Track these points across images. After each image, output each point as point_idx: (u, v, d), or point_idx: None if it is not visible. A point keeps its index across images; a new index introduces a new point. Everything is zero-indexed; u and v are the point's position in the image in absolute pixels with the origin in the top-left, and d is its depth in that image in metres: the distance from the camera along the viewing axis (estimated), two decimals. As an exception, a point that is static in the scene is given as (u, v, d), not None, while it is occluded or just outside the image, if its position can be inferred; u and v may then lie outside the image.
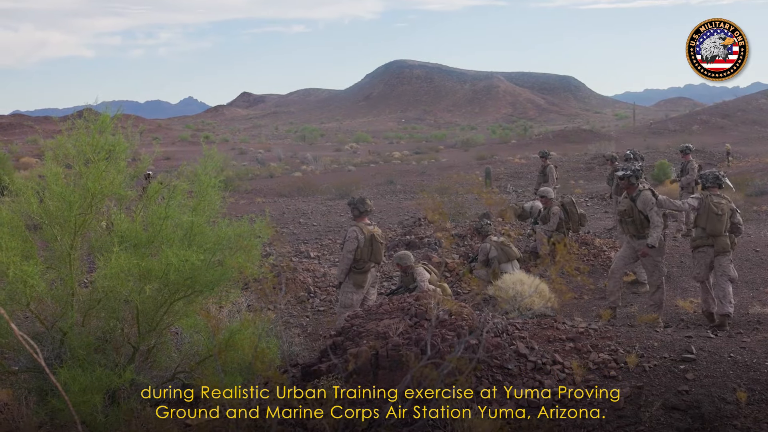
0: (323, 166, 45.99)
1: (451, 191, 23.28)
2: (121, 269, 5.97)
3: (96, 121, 6.73)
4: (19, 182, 7.03)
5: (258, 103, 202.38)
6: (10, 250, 5.86)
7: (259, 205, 25.03)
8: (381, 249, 9.55)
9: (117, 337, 6.45)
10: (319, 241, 17.45)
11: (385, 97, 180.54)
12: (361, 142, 78.75)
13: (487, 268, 11.47)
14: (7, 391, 6.69)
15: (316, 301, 11.58)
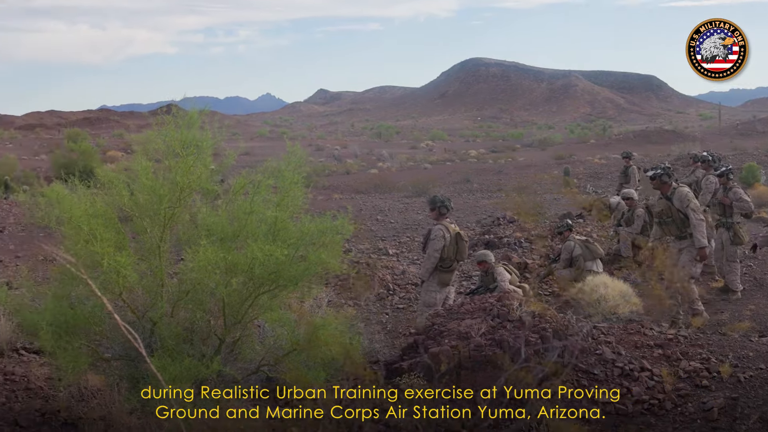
0: (399, 164, 46.08)
1: (529, 190, 23.08)
2: (208, 262, 6.09)
3: (184, 117, 6.88)
4: (109, 175, 7.23)
5: (334, 100, 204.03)
6: (105, 241, 6.04)
7: (337, 202, 25.23)
8: (466, 247, 9.52)
9: (203, 328, 6.58)
10: (397, 238, 17.48)
11: (460, 95, 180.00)
12: (436, 139, 78.67)
13: (570, 268, 11.32)
14: (100, 378, 6.90)
15: (395, 299, 11.61)
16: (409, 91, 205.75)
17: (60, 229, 6.46)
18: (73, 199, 6.45)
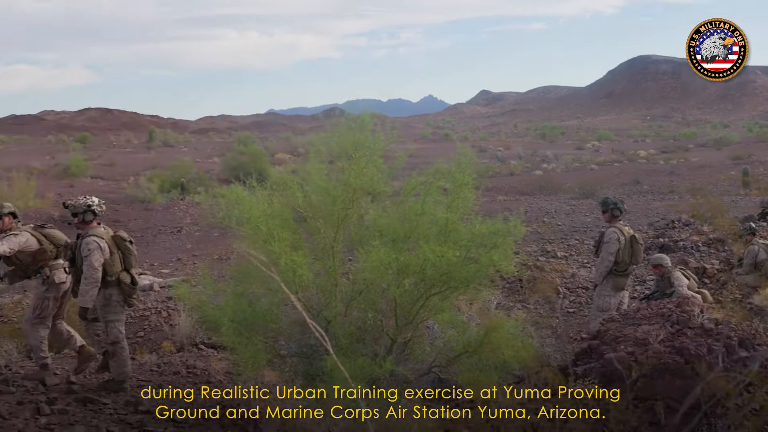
0: (564, 165, 45.30)
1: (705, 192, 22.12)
2: (381, 263, 6.21)
3: (356, 120, 7.06)
4: (284, 177, 7.50)
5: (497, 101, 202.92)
6: (282, 240, 6.28)
7: (501, 203, 25.10)
8: (641, 250, 9.28)
9: (375, 328, 6.71)
10: (565, 241, 17.20)
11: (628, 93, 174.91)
12: (603, 140, 76.79)
13: (755, 273, 10.75)
14: (275, 374, 7.19)
15: (565, 302, 11.44)
16: (573, 90, 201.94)
17: (239, 229, 6.76)
18: (251, 201, 6.75)
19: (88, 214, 7.77)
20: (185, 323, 10.55)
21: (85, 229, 7.74)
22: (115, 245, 7.78)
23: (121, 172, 47.28)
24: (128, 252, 7.86)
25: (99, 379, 8.09)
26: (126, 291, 7.78)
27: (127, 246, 7.86)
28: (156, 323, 11.52)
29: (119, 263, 7.75)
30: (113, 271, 7.66)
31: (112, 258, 7.67)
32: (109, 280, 7.65)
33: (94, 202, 7.84)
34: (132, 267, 7.87)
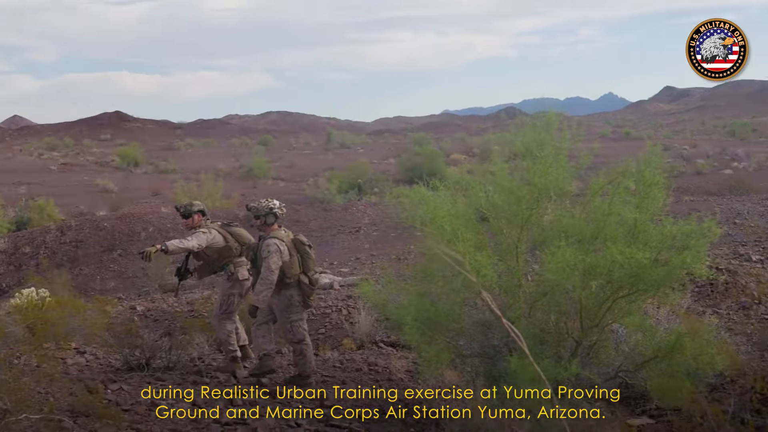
0: (757, 164, 42.86)
1: None
2: (566, 264, 6.12)
3: (541, 118, 6.99)
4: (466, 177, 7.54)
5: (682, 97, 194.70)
6: (466, 240, 6.32)
7: (688, 204, 24.08)
8: None
9: (560, 330, 6.63)
10: (760, 243, 16.27)
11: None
12: (801, 137, 72.04)
13: None
14: (456, 374, 7.24)
15: (761, 309, 10.82)
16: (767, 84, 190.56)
17: (422, 229, 6.85)
18: (435, 201, 6.82)
19: (269, 216, 8.07)
20: (365, 321, 10.81)
21: (267, 231, 8.04)
22: (295, 248, 8.02)
23: (300, 173, 48.95)
24: (307, 255, 8.06)
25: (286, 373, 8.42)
26: (306, 292, 8.02)
27: (306, 249, 8.08)
28: (336, 321, 11.86)
29: (298, 266, 7.97)
30: (292, 273, 7.90)
31: (291, 260, 7.91)
32: (288, 282, 7.90)
33: (276, 205, 8.12)
34: (310, 270, 8.06)
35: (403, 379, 8.41)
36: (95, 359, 9.14)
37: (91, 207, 33.73)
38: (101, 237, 21.95)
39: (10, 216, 29.89)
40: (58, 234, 22.38)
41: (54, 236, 22.26)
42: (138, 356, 8.48)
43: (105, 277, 19.61)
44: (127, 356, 8.53)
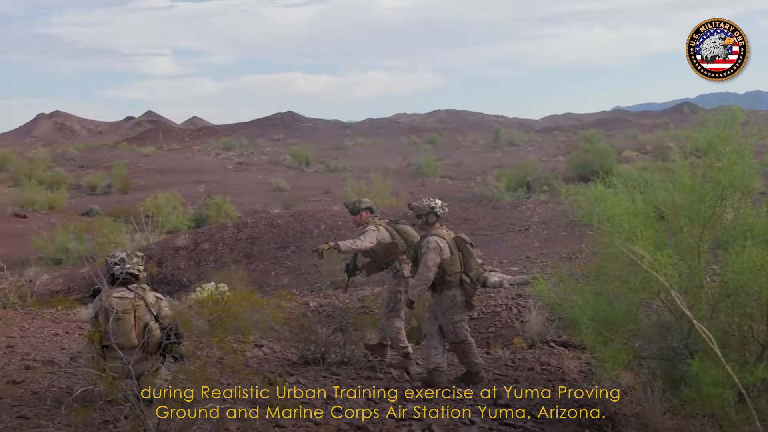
0: None
1: None
2: (752, 264, 5.91)
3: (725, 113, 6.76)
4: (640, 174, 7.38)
5: None
6: (645, 239, 6.21)
7: None
8: None
9: (744, 333, 6.39)
10: None
11: None
12: None
13: None
14: (631, 375, 7.12)
15: None
16: None
17: (599, 228, 6.78)
18: (613, 198, 6.73)
19: (431, 216, 8.12)
20: (536, 320, 10.76)
21: (428, 230, 8.12)
22: (456, 246, 8.03)
23: (468, 171, 49.03)
24: (468, 254, 8.03)
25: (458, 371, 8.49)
26: (468, 292, 7.98)
27: (467, 248, 8.04)
28: (507, 320, 11.84)
29: (459, 264, 7.95)
30: (452, 271, 7.89)
31: (452, 258, 7.91)
32: (449, 280, 7.89)
33: (437, 204, 8.17)
34: (471, 270, 8.02)
35: (577, 379, 8.32)
36: (272, 352, 9.56)
37: (265, 205, 35.15)
38: (275, 234, 22.77)
39: (190, 213, 31.62)
40: (235, 231, 23.42)
41: (231, 233, 23.31)
42: (313, 351, 8.80)
43: (279, 273, 20.34)
44: (303, 350, 8.87)
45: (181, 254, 22.60)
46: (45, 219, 33.93)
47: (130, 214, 28.28)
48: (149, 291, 6.88)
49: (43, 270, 22.58)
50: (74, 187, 47.76)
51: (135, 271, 6.80)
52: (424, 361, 8.31)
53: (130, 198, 40.08)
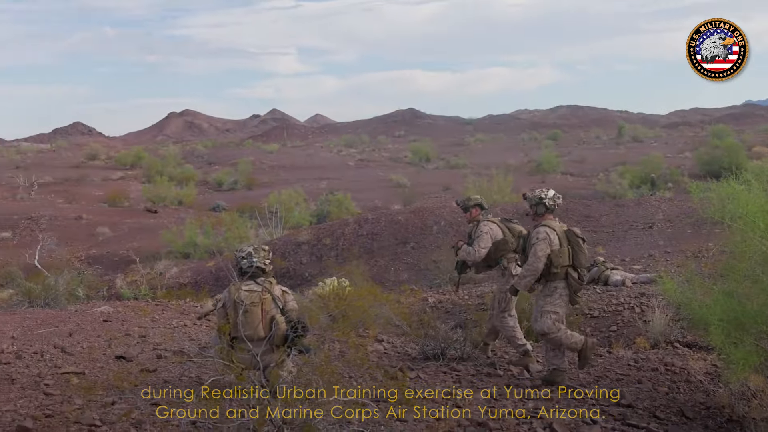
0: None
1: None
2: None
3: None
4: None
5: None
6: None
7: None
8: None
9: None
10: None
11: None
12: None
13: None
14: (762, 378, 6.82)
15: None
16: None
17: (730, 226, 6.54)
18: (748, 196, 6.47)
19: (539, 206, 7.94)
20: (659, 320, 10.46)
21: (538, 221, 7.95)
22: (567, 239, 7.81)
23: (590, 168, 48.15)
24: (579, 248, 7.80)
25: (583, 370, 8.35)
26: (573, 287, 7.78)
27: (578, 242, 7.82)
28: (629, 319, 11.57)
29: (567, 257, 7.73)
30: (559, 263, 7.70)
31: (560, 250, 7.71)
32: (554, 272, 7.71)
33: (547, 195, 7.97)
34: (581, 265, 7.79)
35: (703, 381, 8.04)
36: (392, 347, 9.63)
37: (385, 201, 35.47)
38: (395, 230, 22.93)
39: (312, 209, 32.21)
40: (356, 227, 23.71)
41: (352, 229, 23.61)
42: (433, 346, 8.81)
43: (398, 269, 20.48)
44: (423, 346, 8.90)
45: (303, 249, 23.05)
46: (174, 214, 35.27)
47: (255, 209, 29.06)
48: (276, 285, 7.05)
49: (173, 263, 23.50)
50: (202, 183, 49.45)
51: (262, 264, 6.98)
52: (544, 360, 8.19)
53: (254, 194, 41.21)
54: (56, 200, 41.76)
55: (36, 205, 37.93)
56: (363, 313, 9.02)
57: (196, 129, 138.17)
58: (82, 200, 41.45)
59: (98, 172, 57.69)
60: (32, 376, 7.40)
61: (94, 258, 25.60)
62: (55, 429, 5.61)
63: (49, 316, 11.38)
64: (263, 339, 6.70)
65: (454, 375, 8.07)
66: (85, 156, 70.67)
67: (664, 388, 7.71)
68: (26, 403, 6.44)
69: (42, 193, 43.94)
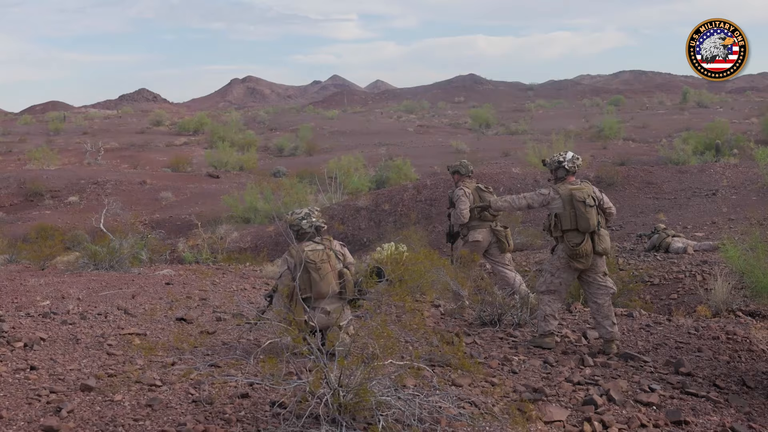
0: None
1: None
2: None
3: None
4: None
5: None
6: None
7: None
8: None
9: None
10: None
11: None
12: None
13: None
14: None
15: None
16: None
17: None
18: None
19: (560, 170, 7.94)
20: (721, 288, 10.24)
21: (559, 185, 7.90)
22: (570, 204, 7.66)
23: (653, 134, 47.25)
24: (580, 212, 7.62)
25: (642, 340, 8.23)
26: (567, 251, 7.65)
27: (579, 206, 7.63)
28: (690, 286, 11.40)
29: (569, 221, 7.64)
30: (560, 227, 7.72)
31: (563, 214, 7.67)
32: (556, 235, 7.78)
33: (567, 158, 7.93)
34: (585, 229, 7.60)
35: (766, 350, 7.86)
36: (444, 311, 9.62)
37: (444, 167, 35.27)
38: (454, 196, 22.83)
39: (371, 175, 32.23)
40: (415, 192, 23.68)
41: (410, 195, 23.59)
42: (490, 312, 8.77)
43: (457, 234, 20.41)
44: (480, 312, 8.87)
45: (362, 214, 23.14)
46: (236, 179, 35.62)
47: (315, 175, 29.20)
48: (333, 240, 7.13)
49: (233, 228, 23.80)
50: (263, 149, 49.81)
51: (321, 223, 7.06)
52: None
53: (314, 159, 41.38)
54: (121, 165, 42.56)
55: (102, 170, 38.65)
56: (420, 278, 8.98)
57: (258, 95, 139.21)
58: (146, 165, 42.13)
59: (162, 137, 58.61)
60: (96, 336, 7.56)
61: (157, 222, 26.06)
62: (116, 388, 5.73)
63: (113, 279, 11.62)
64: (337, 294, 6.81)
65: (510, 341, 8.03)
66: (149, 122, 71.79)
67: (725, 357, 7.56)
68: (90, 363, 6.59)
69: (108, 159, 44.81)
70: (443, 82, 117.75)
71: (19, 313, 8.62)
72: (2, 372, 6.12)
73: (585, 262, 7.62)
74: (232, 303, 9.39)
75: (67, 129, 66.02)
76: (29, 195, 32.13)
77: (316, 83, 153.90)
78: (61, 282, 11.20)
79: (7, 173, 36.11)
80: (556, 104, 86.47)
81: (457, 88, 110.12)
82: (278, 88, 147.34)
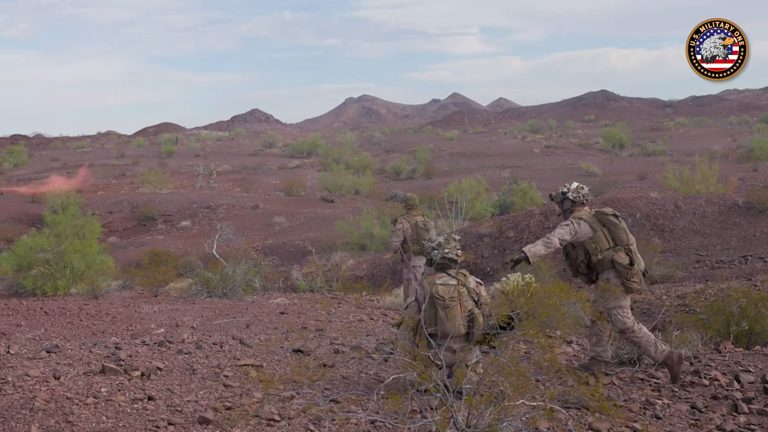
0: None
1: None
2: None
3: None
4: None
5: None
6: None
7: None
8: None
9: None
10: None
11: None
12: None
13: None
14: None
15: None
16: None
17: None
18: None
19: (565, 201, 8.00)
20: None
21: (568, 217, 7.94)
22: (599, 222, 7.73)
23: (811, 154, 45.34)
24: (614, 227, 7.72)
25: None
26: (623, 274, 7.64)
27: (610, 220, 7.75)
28: None
29: (605, 240, 7.69)
30: (599, 249, 7.69)
31: (595, 236, 7.67)
32: (599, 259, 7.70)
33: (570, 188, 8.02)
34: (623, 243, 7.68)
35: None
36: (582, 350, 9.44)
37: (574, 191, 34.72)
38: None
39: (494, 199, 32.10)
40: (542, 219, 23.38)
41: (538, 221, 23.30)
42: (628, 350, 8.56)
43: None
44: (618, 349, 8.67)
45: (485, 242, 23.01)
46: (351, 204, 36.13)
47: (434, 199, 29.30)
48: (469, 276, 7.12)
49: (349, 255, 24.07)
50: (379, 172, 50.38)
51: (453, 255, 7.06)
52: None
53: (433, 183, 41.58)
54: (233, 189, 43.82)
55: (214, 193, 39.90)
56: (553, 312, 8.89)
57: (373, 115, 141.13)
58: (258, 189, 43.26)
59: (275, 160, 60.09)
60: (212, 367, 7.78)
61: (270, 248, 26.66)
62: (234, 422, 5.87)
63: (226, 307, 11.96)
64: (463, 336, 6.78)
65: (652, 383, 7.81)
66: (262, 144, 73.80)
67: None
68: (206, 394, 6.78)
69: (220, 182, 46.22)
70: (572, 99, 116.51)
71: (135, 341, 8.97)
72: (121, 402, 6.37)
73: (639, 284, 7.73)
74: (351, 334, 9.50)
75: (179, 151, 68.64)
76: (142, 219, 33.51)
77: (434, 102, 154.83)
78: (174, 309, 11.60)
79: (121, 197, 37.75)
80: (699, 122, 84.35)
81: (588, 105, 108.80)
82: (395, 108, 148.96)
